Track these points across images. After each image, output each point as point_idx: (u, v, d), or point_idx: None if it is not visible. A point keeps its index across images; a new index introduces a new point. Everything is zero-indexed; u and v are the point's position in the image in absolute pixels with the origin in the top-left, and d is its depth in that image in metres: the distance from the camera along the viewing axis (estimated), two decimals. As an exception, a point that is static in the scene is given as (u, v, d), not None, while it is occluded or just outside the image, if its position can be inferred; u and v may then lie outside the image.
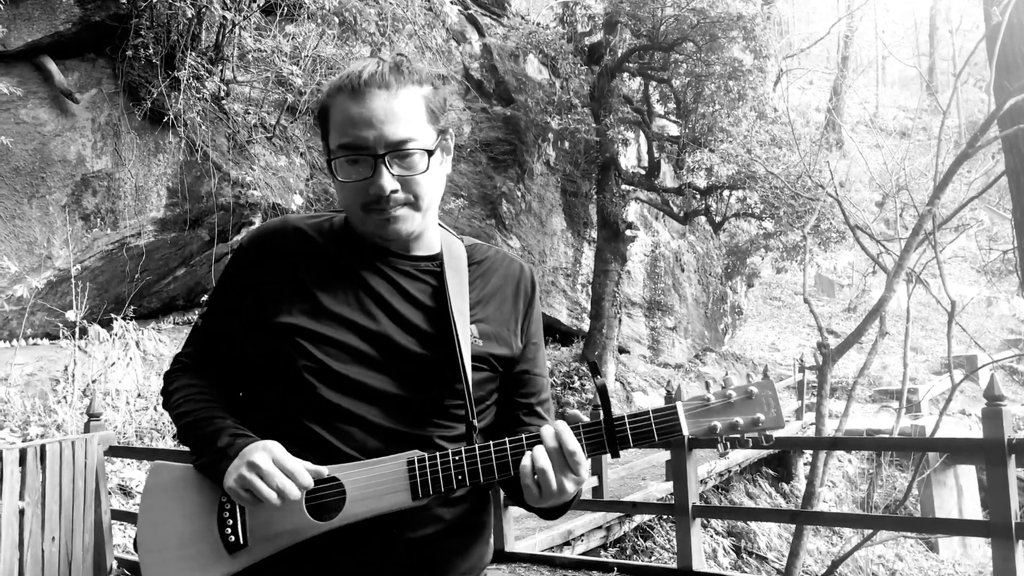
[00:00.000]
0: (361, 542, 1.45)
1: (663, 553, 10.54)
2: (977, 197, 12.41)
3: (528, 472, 1.40)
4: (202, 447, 1.51)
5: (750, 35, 14.57)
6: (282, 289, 1.54)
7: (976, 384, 19.69)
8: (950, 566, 15.13)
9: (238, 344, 1.59)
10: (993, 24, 9.91)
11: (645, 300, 20.20)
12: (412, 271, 1.58)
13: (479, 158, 15.29)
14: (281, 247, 1.58)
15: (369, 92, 1.48)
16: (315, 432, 1.47)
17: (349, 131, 1.48)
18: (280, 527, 1.44)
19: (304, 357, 1.48)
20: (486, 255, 1.69)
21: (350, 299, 1.53)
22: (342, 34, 11.06)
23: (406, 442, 1.47)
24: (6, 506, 4.81)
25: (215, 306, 1.65)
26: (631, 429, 1.44)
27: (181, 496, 1.53)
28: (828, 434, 11.45)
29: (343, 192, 1.53)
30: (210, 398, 1.58)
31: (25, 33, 9.25)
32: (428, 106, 1.53)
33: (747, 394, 1.44)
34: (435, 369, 1.52)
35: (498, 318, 1.63)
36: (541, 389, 1.71)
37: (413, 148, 1.49)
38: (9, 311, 8.96)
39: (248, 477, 1.39)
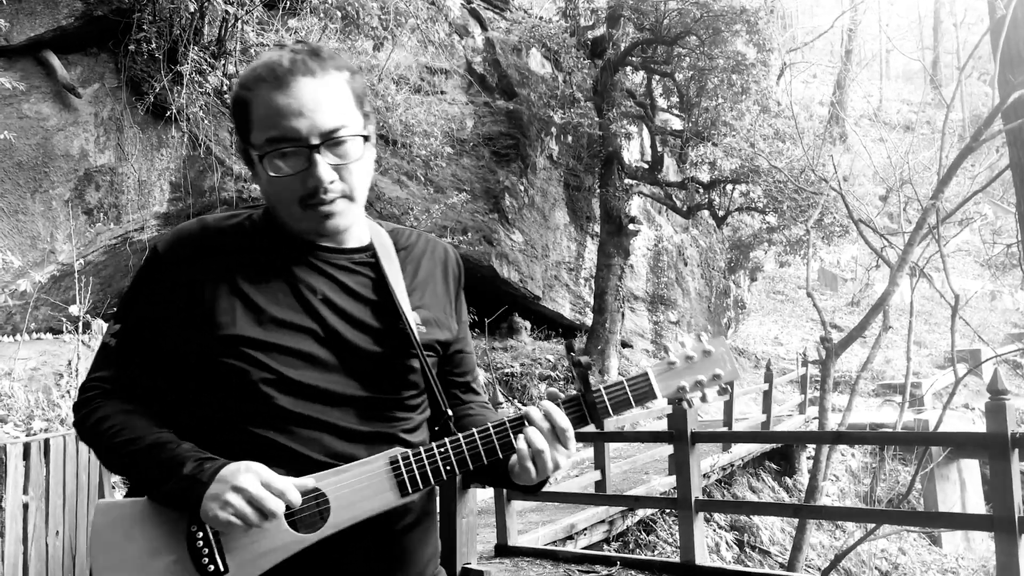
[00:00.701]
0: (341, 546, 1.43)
1: (666, 547, 10.55)
2: (981, 191, 12.40)
3: (526, 454, 1.41)
4: (162, 476, 1.39)
5: (753, 28, 14.54)
6: (220, 299, 1.45)
7: (979, 378, 19.65)
8: (953, 560, 15.13)
9: (165, 360, 1.48)
10: (997, 18, 9.88)
11: (648, 294, 20.19)
12: (348, 264, 1.53)
13: (482, 152, 15.28)
14: (204, 251, 1.49)
15: (295, 80, 1.41)
16: (276, 442, 1.42)
17: (278, 123, 1.41)
18: (262, 547, 1.39)
19: (258, 368, 1.42)
20: (411, 240, 1.65)
21: (293, 302, 1.47)
22: (344, 28, 11.04)
23: (371, 441, 1.45)
24: (10, 501, 4.82)
25: (131, 321, 1.51)
26: (609, 399, 1.48)
27: (139, 532, 1.42)
28: (831, 428, 11.45)
29: (274, 188, 1.45)
30: (149, 423, 1.46)
31: (28, 28, 9.25)
32: (353, 91, 1.48)
33: (706, 352, 1.55)
34: (390, 364, 1.50)
35: (434, 303, 1.61)
36: (473, 366, 1.72)
37: (346, 135, 1.43)
38: (12, 305, 8.98)
39: (236, 503, 1.32)
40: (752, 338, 26.21)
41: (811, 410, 16.60)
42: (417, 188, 13.78)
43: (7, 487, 4.83)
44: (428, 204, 13.42)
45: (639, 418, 12.71)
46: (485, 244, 14.78)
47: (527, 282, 15.96)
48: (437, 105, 14.27)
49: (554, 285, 17.07)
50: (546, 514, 9.04)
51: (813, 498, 10.97)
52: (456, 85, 15.33)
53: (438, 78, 14.96)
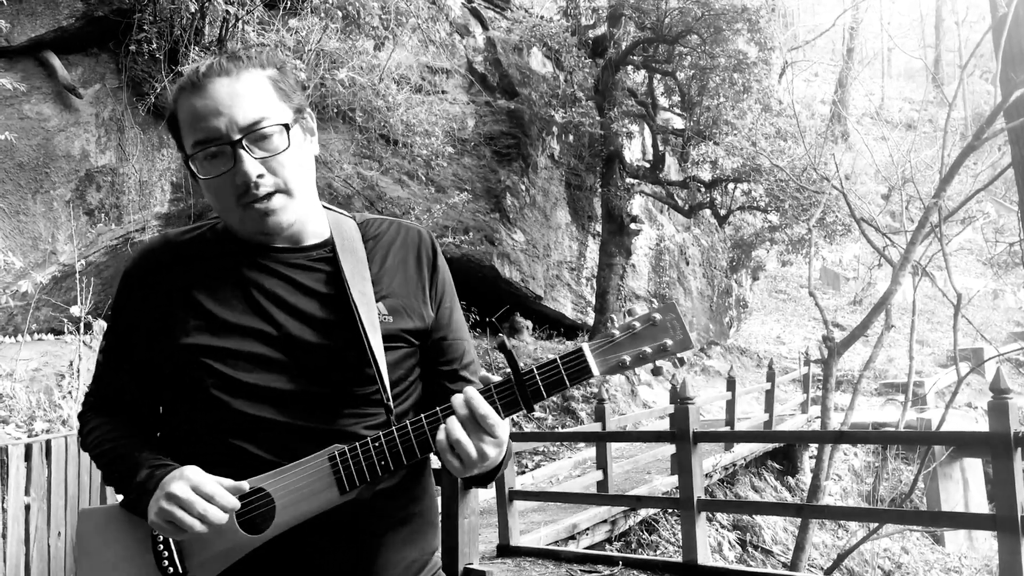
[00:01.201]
0: (301, 545, 1.43)
1: (668, 547, 10.54)
2: (983, 189, 12.37)
3: (444, 445, 1.35)
4: (124, 485, 1.47)
5: (755, 27, 14.53)
6: (177, 311, 1.48)
7: (982, 377, 19.64)
8: (956, 559, 15.11)
9: (143, 374, 1.53)
10: (999, 15, 9.86)
11: (650, 293, 20.17)
12: (304, 262, 1.52)
13: (483, 152, 15.27)
14: (165, 266, 1.52)
15: (209, 82, 1.42)
16: (237, 446, 1.43)
17: (199, 125, 1.42)
18: (216, 548, 1.42)
19: (211, 375, 1.43)
20: (380, 229, 1.63)
21: (245, 306, 1.47)
22: (345, 28, 11.04)
23: (328, 439, 1.42)
24: (12, 502, 4.82)
25: (112, 340, 1.57)
26: (542, 380, 1.39)
27: (113, 537, 1.50)
28: (834, 427, 11.44)
29: (211, 193, 1.46)
30: (124, 434, 1.53)
31: (28, 28, 9.25)
32: (276, 86, 1.47)
33: (650, 322, 1.41)
34: (343, 358, 1.46)
35: (404, 290, 1.56)
36: (463, 353, 1.64)
37: (267, 126, 1.42)
38: (14, 306, 8.98)
39: (168, 509, 1.34)
40: (754, 337, 26.19)
41: (813, 409, 16.59)
42: (418, 188, 13.77)
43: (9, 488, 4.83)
44: (429, 204, 13.41)
45: (641, 418, 12.70)
46: (486, 244, 14.78)
47: (529, 282, 15.95)
48: (438, 105, 14.27)
49: (556, 285, 17.06)
50: (548, 514, 9.04)
51: (816, 497, 10.95)
52: (457, 85, 15.33)
53: (439, 78, 14.95)
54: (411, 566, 1.56)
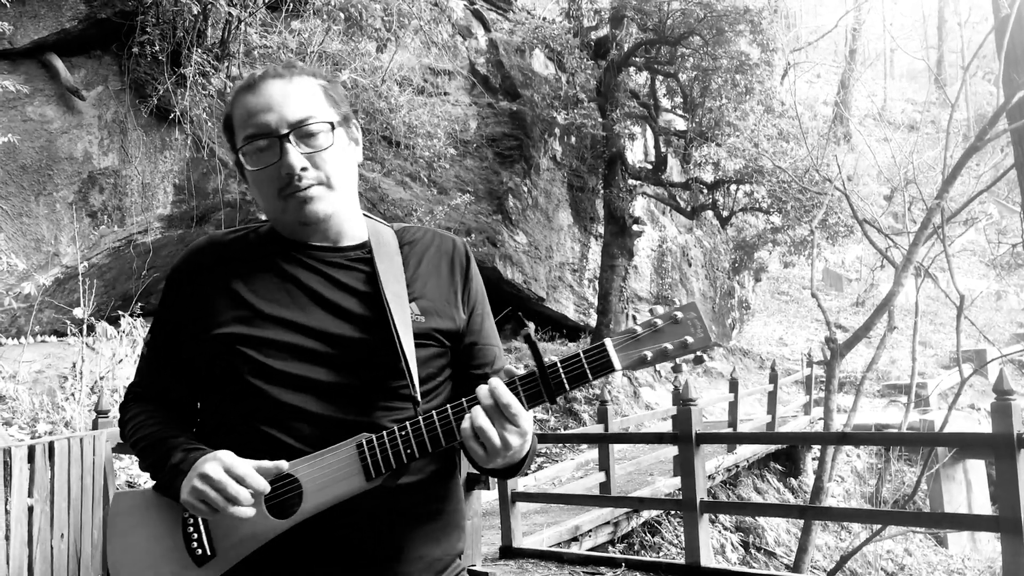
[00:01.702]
0: (326, 534, 1.47)
1: (671, 549, 10.53)
2: (986, 190, 12.37)
3: (468, 433, 1.39)
4: (158, 468, 1.54)
5: (757, 28, 14.52)
6: (216, 303, 1.55)
7: (985, 378, 19.61)
8: (959, 561, 15.09)
9: (186, 366, 1.60)
10: (1002, 16, 9.86)
11: (652, 295, 20.17)
12: (342, 262, 1.60)
13: (485, 153, 15.28)
14: (209, 264, 1.61)
15: (264, 83, 1.54)
16: (268, 434, 1.48)
17: (250, 121, 1.52)
18: (244, 532, 1.46)
19: (247, 363, 1.50)
20: (416, 235, 1.70)
21: (283, 298, 1.54)
22: (347, 30, 11.05)
23: (357, 430, 1.47)
24: (15, 503, 4.82)
25: (157, 334, 1.66)
26: (565, 373, 1.43)
27: (145, 519, 1.55)
28: (836, 429, 11.42)
29: (257, 186, 1.56)
30: (162, 421, 1.61)
31: (31, 31, 9.26)
32: (326, 92, 1.58)
33: (672, 319, 1.45)
34: (375, 352, 1.52)
35: (437, 293, 1.63)
36: (494, 358, 1.71)
37: (314, 123, 1.52)
38: (17, 308, 8.99)
39: (201, 488, 1.40)
40: (757, 339, 26.17)
41: (816, 411, 16.58)
42: (420, 189, 13.78)
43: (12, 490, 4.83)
44: (432, 205, 13.42)
45: (644, 420, 12.70)
46: (488, 245, 14.78)
47: (531, 283, 15.95)
48: (440, 106, 14.27)
49: (558, 286, 17.06)
50: (551, 516, 9.04)
51: (818, 499, 10.94)
52: (459, 86, 15.34)
53: (441, 79, 14.96)
54: (434, 564, 1.59)
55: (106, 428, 5.96)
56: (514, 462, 1.49)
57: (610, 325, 15.78)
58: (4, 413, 8.10)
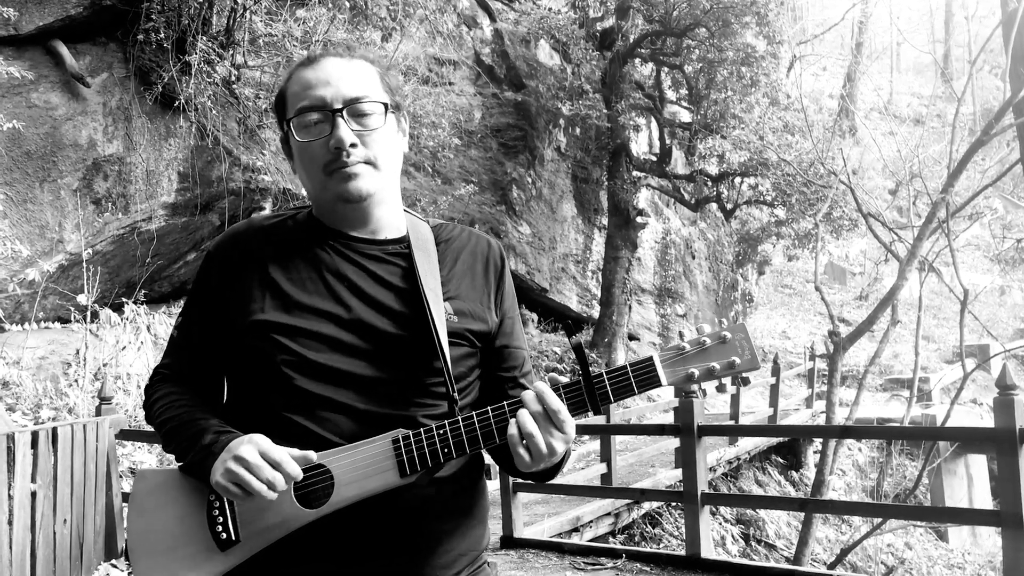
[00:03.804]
0: (354, 527, 1.46)
1: (672, 540, 10.55)
2: (991, 185, 12.33)
3: (516, 439, 1.39)
4: (186, 448, 1.51)
5: (763, 20, 14.48)
6: (253, 289, 1.54)
7: (988, 373, 19.60)
8: (960, 555, 15.11)
9: (217, 349, 1.59)
10: (1010, 10, 9.81)
11: (655, 287, 20.16)
12: (380, 255, 1.59)
13: (489, 144, 15.26)
14: (247, 248, 1.60)
15: (324, 59, 1.56)
16: (298, 423, 1.47)
17: (306, 93, 1.53)
18: (271, 519, 1.45)
19: (281, 351, 1.48)
20: (452, 234, 1.70)
21: (321, 289, 1.54)
22: (353, 19, 11.02)
23: (390, 424, 1.47)
24: (19, 489, 4.84)
25: (190, 315, 1.65)
26: (611, 384, 1.43)
27: (169, 499, 1.53)
28: (838, 422, 11.43)
29: (302, 160, 1.56)
30: (191, 403, 1.59)
31: (36, 17, 9.25)
32: (382, 77, 1.60)
33: (721, 339, 1.47)
34: (412, 348, 1.52)
35: (471, 294, 1.63)
36: (523, 361, 1.71)
37: (368, 102, 1.53)
38: (21, 295, 9.00)
39: (236, 471, 1.38)
40: (760, 332, 26.16)
41: (818, 404, 16.58)
42: (424, 179, 13.77)
43: (15, 475, 4.85)
44: (435, 195, 13.41)
45: (646, 411, 12.71)
46: (492, 236, 14.76)
47: (534, 274, 15.95)
48: (445, 96, 14.25)
49: (561, 277, 17.06)
50: (552, 506, 9.05)
51: (820, 492, 10.95)
52: (464, 76, 15.31)
53: (446, 69, 14.93)
54: (460, 559, 1.58)
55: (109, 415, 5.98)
56: (551, 466, 1.48)
57: (613, 317, 15.78)
58: (8, 399, 8.12)
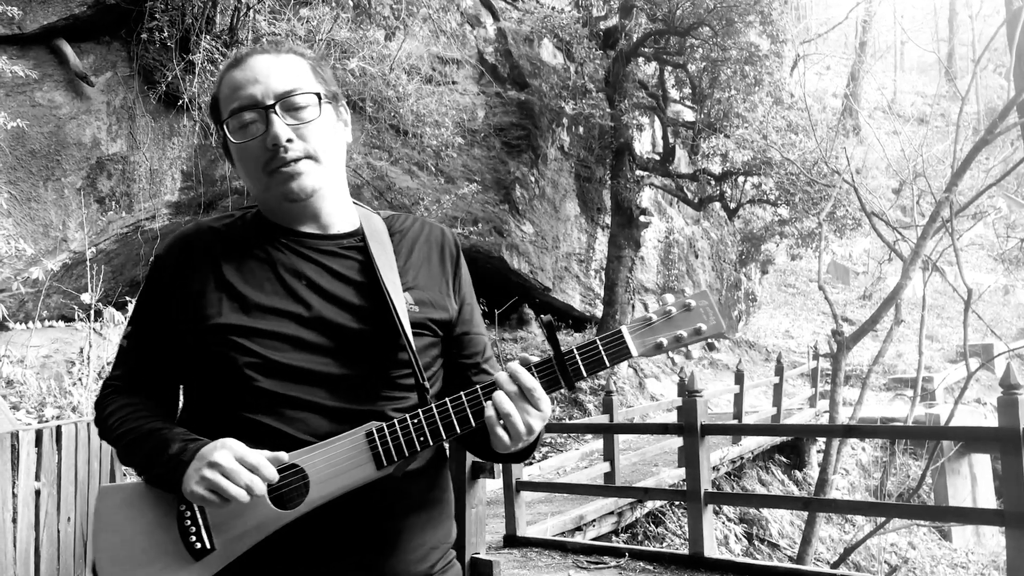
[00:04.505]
0: (327, 525, 1.45)
1: (675, 539, 10.55)
2: (995, 184, 12.31)
3: (494, 419, 1.40)
4: (152, 460, 1.47)
5: (767, 19, 14.46)
6: (208, 292, 1.51)
7: (992, 373, 19.58)
8: (963, 555, 15.09)
9: (172, 357, 1.56)
10: (1014, 9, 9.80)
11: (658, 286, 20.15)
12: (335, 250, 1.57)
13: (493, 143, 15.25)
14: (198, 251, 1.56)
15: (251, 58, 1.54)
16: (266, 425, 1.45)
17: (236, 94, 1.51)
18: (247, 524, 1.42)
19: (243, 354, 1.46)
20: (405, 224, 1.69)
21: (278, 288, 1.51)
22: (356, 17, 11.03)
23: (360, 419, 1.46)
24: (22, 487, 4.85)
25: (140, 323, 1.61)
26: (582, 360, 1.45)
27: (135, 514, 1.48)
28: (842, 422, 11.42)
29: (242, 163, 1.54)
30: (149, 414, 1.54)
31: (41, 16, 9.27)
32: (313, 68, 1.57)
33: (685, 307, 1.48)
34: (376, 342, 1.51)
35: (430, 284, 1.63)
36: (484, 347, 1.72)
37: (300, 94, 1.51)
38: (25, 293, 9.02)
39: (212, 477, 1.36)
40: (763, 331, 26.15)
41: (822, 403, 16.58)
42: (428, 178, 13.77)
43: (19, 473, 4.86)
44: (439, 194, 13.41)
45: (649, 410, 12.71)
46: (495, 235, 14.77)
47: (537, 273, 15.95)
48: (448, 95, 14.25)
49: (564, 276, 17.05)
50: (555, 505, 9.06)
51: (823, 491, 10.95)
52: (467, 75, 15.30)
53: (449, 68, 14.93)
54: (432, 552, 1.58)
55: (113, 413, 5.99)
56: (527, 445, 1.49)
57: (616, 316, 15.77)
58: (12, 397, 8.14)
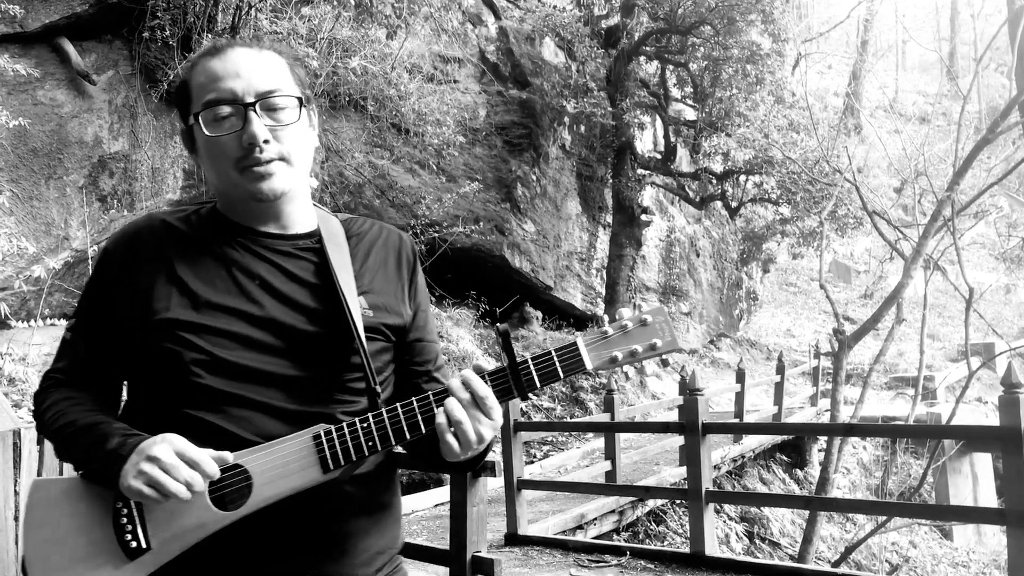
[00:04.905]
0: (271, 527, 1.41)
1: (676, 538, 10.55)
2: (997, 183, 12.30)
3: (445, 427, 1.37)
4: (90, 454, 1.42)
5: (769, 18, 14.46)
6: (158, 286, 1.47)
7: (993, 372, 19.58)
8: (964, 554, 15.09)
9: (116, 351, 1.51)
10: (1016, 8, 9.79)
11: (660, 285, 20.15)
12: (291, 250, 1.54)
13: (494, 142, 15.25)
14: (149, 244, 1.52)
15: (232, 49, 1.49)
16: (211, 423, 1.41)
17: (215, 85, 1.46)
18: (185, 524, 1.38)
19: (189, 349, 1.42)
20: (363, 228, 1.66)
21: (231, 286, 1.48)
22: (358, 16, 11.03)
23: (308, 421, 1.42)
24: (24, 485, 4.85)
25: (85, 315, 1.56)
26: (536, 370, 1.43)
27: (69, 510, 1.43)
28: (843, 420, 11.42)
29: (211, 156, 1.48)
30: (89, 407, 1.50)
31: (43, 14, 9.27)
32: (292, 70, 1.54)
33: (641, 322, 1.47)
34: (328, 344, 1.48)
35: (385, 288, 1.60)
36: (436, 355, 1.69)
37: (281, 95, 1.48)
38: (27, 291, 9.03)
39: (150, 471, 1.31)
40: (764, 330, 26.16)
41: (823, 402, 16.57)
42: (429, 177, 13.78)
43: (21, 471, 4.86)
44: (440, 193, 13.42)
45: (650, 409, 12.71)
46: (497, 234, 14.77)
47: (539, 272, 15.95)
48: (450, 94, 14.25)
49: (566, 275, 17.06)
50: (556, 503, 9.06)
51: (824, 490, 10.95)
52: (469, 74, 15.30)
53: (451, 67, 14.93)
54: (378, 557, 1.56)
55: (115, 411, 6.00)
56: (477, 454, 1.47)
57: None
58: (14, 395, 8.14)
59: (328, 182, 11.97)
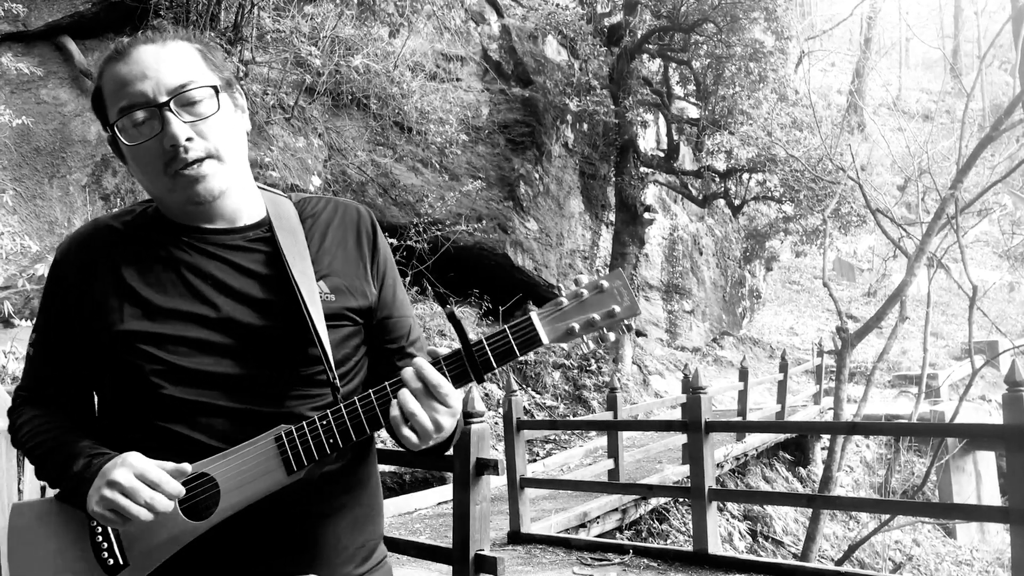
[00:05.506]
0: (246, 531, 1.39)
1: (679, 536, 10.55)
2: (1000, 181, 12.28)
3: (400, 420, 1.33)
4: (59, 476, 1.41)
5: (772, 16, 14.44)
6: (109, 297, 1.43)
7: (997, 370, 19.53)
8: (967, 552, 15.08)
9: (79, 363, 1.48)
10: (1019, 5, 9.78)
11: (663, 283, 20.15)
12: (241, 244, 1.48)
13: (497, 140, 15.25)
14: (96, 252, 1.47)
15: (135, 49, 1.40)
16: (177, 432, 1.38)
17: (124, 91, 1.39)
18: (159, 538, 1.37)
19: (148, 361, 1.38)
20: (318, 208, 1.58)
21: (182, 290, 1.43)
22: (360, 14, 11.04)
23: (273, 422, 1.39)
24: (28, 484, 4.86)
25: (44, 330, 1.52)
26: (491, 350, 1.37)
27: (48, 532, 1.43)
28: (846, 419, 11.41)
29: (138, 164, 1.42)
30: (59, 425, 1.47)
31: (46, 13, 9.29)
32: (204, 56, 1.46)
33: (598, 288, 1.40)
34: (286, 339, 1.43)
35: (346, 269, 1.53)
36: (409, 329, 1.62)
37: (195, 88, 1.39)
38: (30, 290, 9.04)
39: (110, 497, 1.29)
40: (767, 328, 26.13)
41: (826, 400, 16.56)
42: (432, 175, 13.78)
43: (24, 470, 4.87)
44: (443, 191, 13.42)
45: (653, 407, 12.71)
46: (499, 232, 14.77)
47: (541, 270, 15.95)
48: (452, 92, 14.25)
49: (568, 273, 17.05)
50: (559, 502, 9.06)
51: (827, 488, 10.95)
52: (472, 72, 15.30)
53: (454, 65, 14.93)
54: (357, 553, 1.53)
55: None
56: (442, 441, 1.43)
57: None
58: (17, 394, 8.16)
59: (331, 180, 11.97)
